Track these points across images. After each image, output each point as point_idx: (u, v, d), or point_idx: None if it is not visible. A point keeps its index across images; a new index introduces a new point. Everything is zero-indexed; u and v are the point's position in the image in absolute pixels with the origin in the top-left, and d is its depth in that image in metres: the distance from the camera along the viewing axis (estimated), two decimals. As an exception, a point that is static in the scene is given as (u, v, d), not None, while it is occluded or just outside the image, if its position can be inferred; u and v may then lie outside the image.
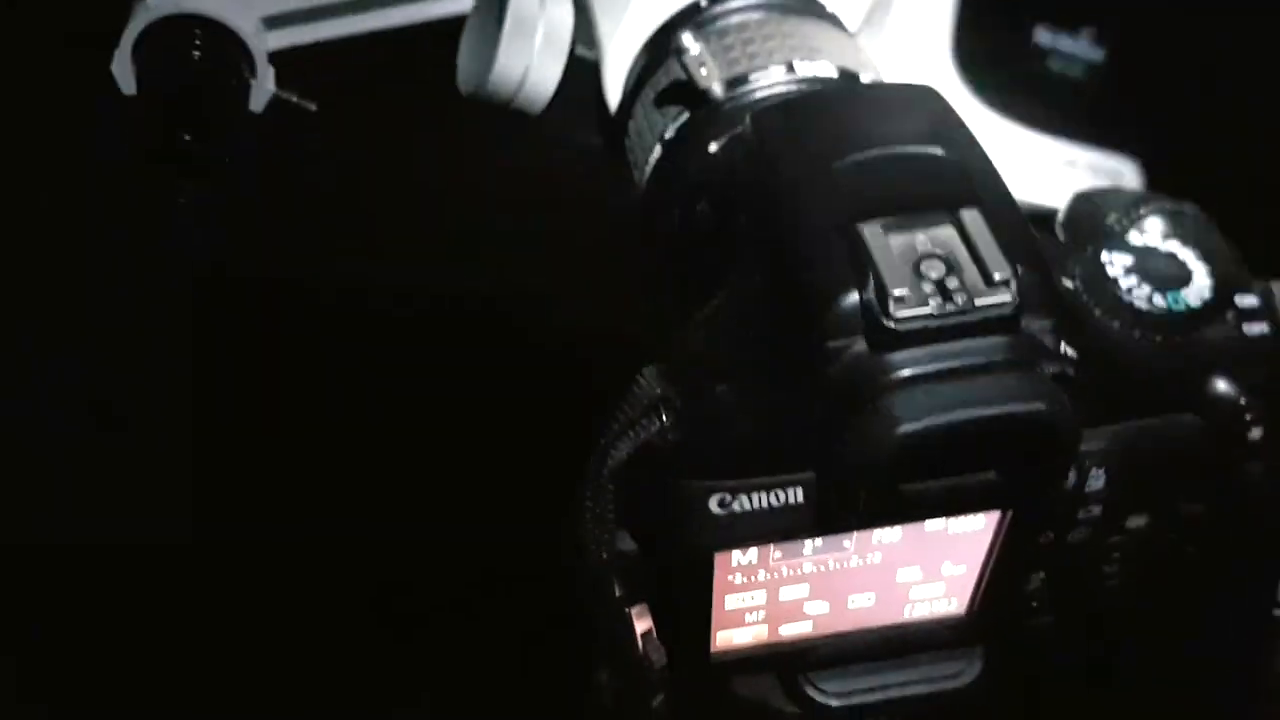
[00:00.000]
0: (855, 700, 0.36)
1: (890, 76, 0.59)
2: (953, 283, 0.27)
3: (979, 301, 0.27)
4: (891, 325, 0.27)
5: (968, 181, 0.29)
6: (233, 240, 0.58)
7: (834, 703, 0.37)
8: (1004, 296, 0.27)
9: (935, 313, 0.27)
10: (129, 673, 0.57)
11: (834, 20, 0.44)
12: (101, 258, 0.59)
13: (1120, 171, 0.67)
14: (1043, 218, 0.37)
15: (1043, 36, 0.68)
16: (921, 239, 0.28)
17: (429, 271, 0.60)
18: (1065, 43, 0.68)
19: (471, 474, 0.57)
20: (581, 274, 0.58)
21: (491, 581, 0.55)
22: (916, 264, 0.28)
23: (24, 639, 0.57)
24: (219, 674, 0.57)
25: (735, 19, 0.42)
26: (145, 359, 0.60)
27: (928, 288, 0.27)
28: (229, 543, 0.57)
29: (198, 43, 0.50)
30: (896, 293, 0.27)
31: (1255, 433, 0.31)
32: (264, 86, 0.53)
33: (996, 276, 0.27)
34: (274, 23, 0.53)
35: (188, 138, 0.48)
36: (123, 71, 0.50)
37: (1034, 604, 0.35)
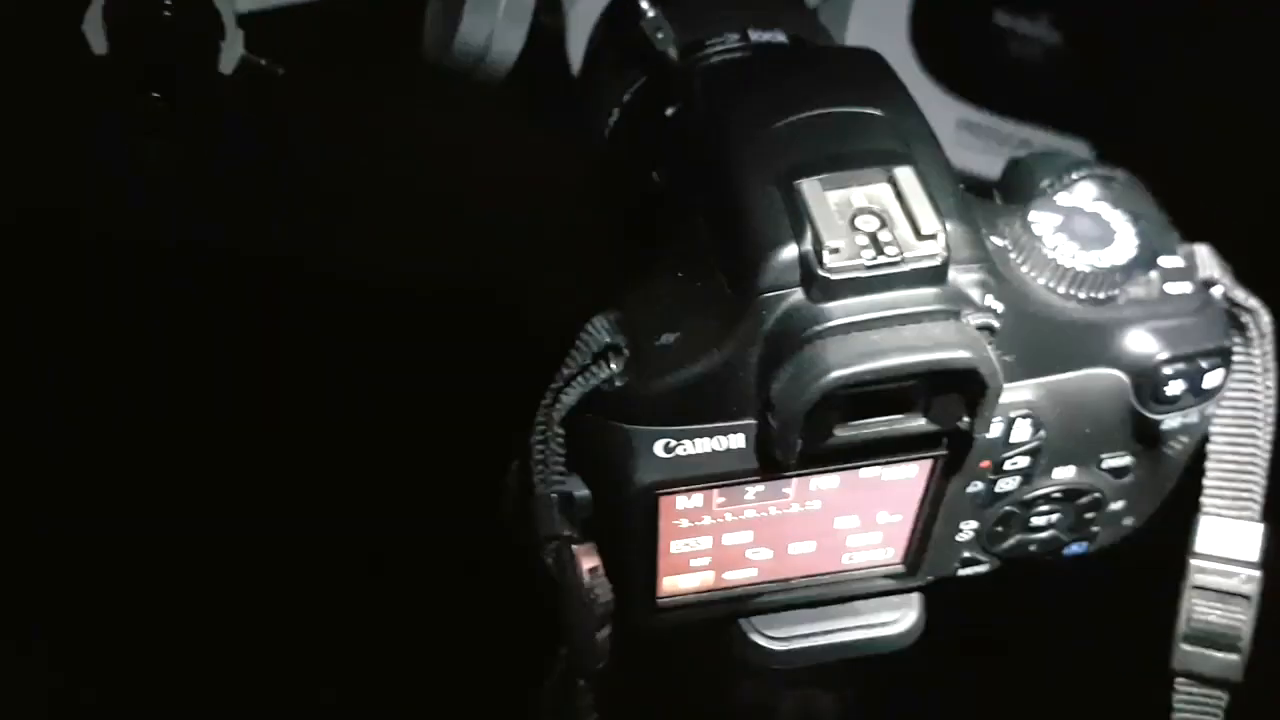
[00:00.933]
0: (796, 645, 0.38)
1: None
2: (885, 236, 0.29)
3: (909, 254, 0.29)
4: (826, 275, 0.29)
5: (903, 140, 0.31)
6: (220, 240, 0.59)
7: (776, 647, 0.38)
8: (933, 249, 0.29)
9: (867, 264, 0.29)
10: (128, 671, 0.57)
11: (790, -9, 0.46)
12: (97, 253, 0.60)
13: (1074, 152, 0.69)
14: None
15: (1001, 19, 0.70)
16: (857, 194, 0.29)
17: (400, 254, 0.61)
18: (1024, 25, 0.70)
19: (457, 466, 0.57)
20: (564, 261, 0.58)
21: (479, 573, 0.56)
22: (852, 218, 0.29)
23: (24, 639, 0.58)
24: (216, 670, 0.57)
25: (693, -13, 0.44)
26: (139, 354, 0.61)
27: (862, 240, 0.29)
28: (221, 538, 0.58)
29: (168, 3, 0.51)
30: (831, 245, 0.28)
31: (1173, 387, 0.32)
32: (233, 49, 0.53)
33: (925, 230, 0.29)
34: (244, -14, 0.53)
35: (156, 96, 0.49)
36: (94, 31, 0.51)
37: (966, 553, 0.37)
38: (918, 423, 0.30)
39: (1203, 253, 0.34)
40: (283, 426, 0.60)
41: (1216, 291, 0.34)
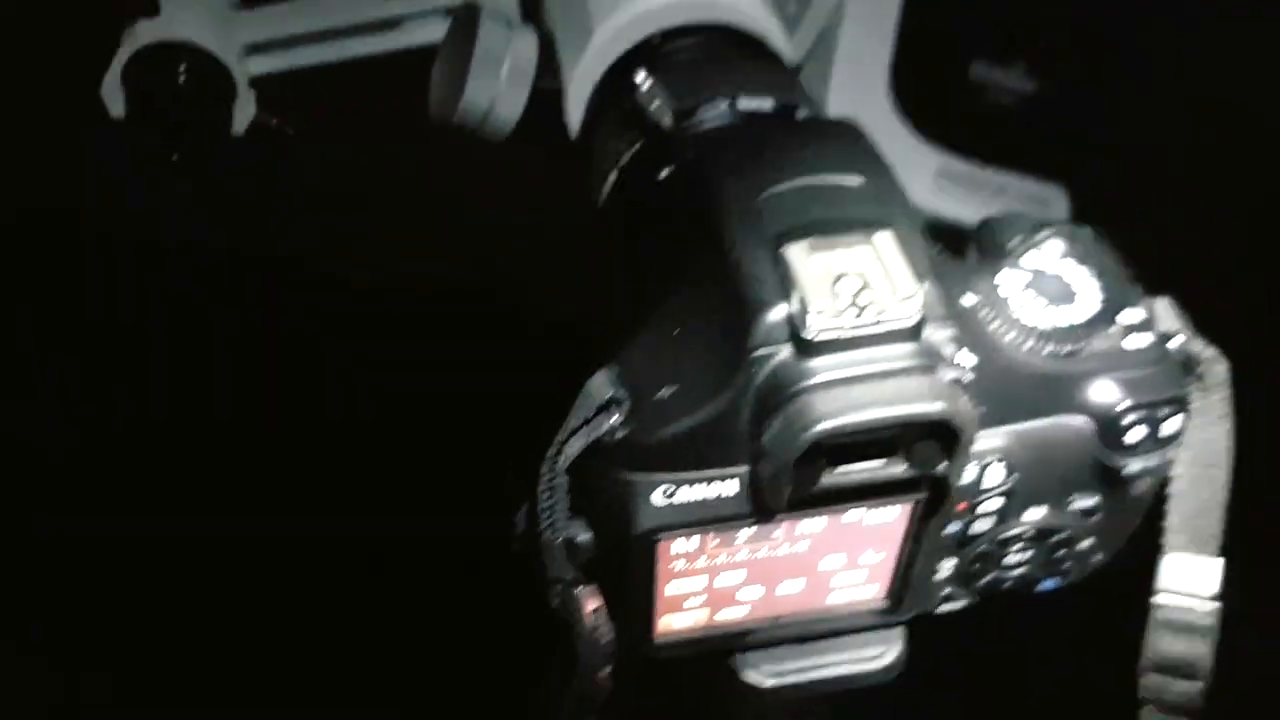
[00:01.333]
0: (786, 680, 0.40)
1: (829, 107, 0.64)
2: (865, 298, 0.31)
3: (887, 314, 0.31)
4: (811, 336, 0.31)
5: (881, 207, 0.33)
6: (220, 240, 0.61)
7: (767, 682, 0.40)
8: (909, 310, 0.31)
9: (850, 324, 0.31)
10: (128, 671, 0.59)
11: (776, 58, 0.48)
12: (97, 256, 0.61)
13: (1048, 198, 0.71)
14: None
15: (979, 70, 0.73)
16: (840, 258, 0.32)
17: (407, 277, 0.63)
18: (999, 76, 0.73)
19: (455, 466, 0.59)
20: (565, 269, 0.59)
21: (479, 575, 0.57)
22: (835, 281, 0.32)
23: (24, 639, 0.59)
24: (215, 670, 0.58)
25: (686, 56, 0.46)
26: (138, 356, 0.62)
27: (844, 302, 0.31)
28: (221, 538, 0.59)
29: (183, 69, 0.53)
30: (815, 307, 0.31)
31: (1134, 434, 0.35)
32: (245, 110, 0.56)
33: (903, 293, 0.31)
34: (255, 50, 0.56)
35: (174, 158, 0.51)
36: (112, 95, 0.53)
37: (947, 590, 0.39)
38: (898, 469, 0.33)
39: (1162, 306, 0.37)
40: (281, 427, 0.62)
41: (1174, 343, 0.36)
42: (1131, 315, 0.36)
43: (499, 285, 0.62)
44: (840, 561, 0.37)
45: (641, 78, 0.43)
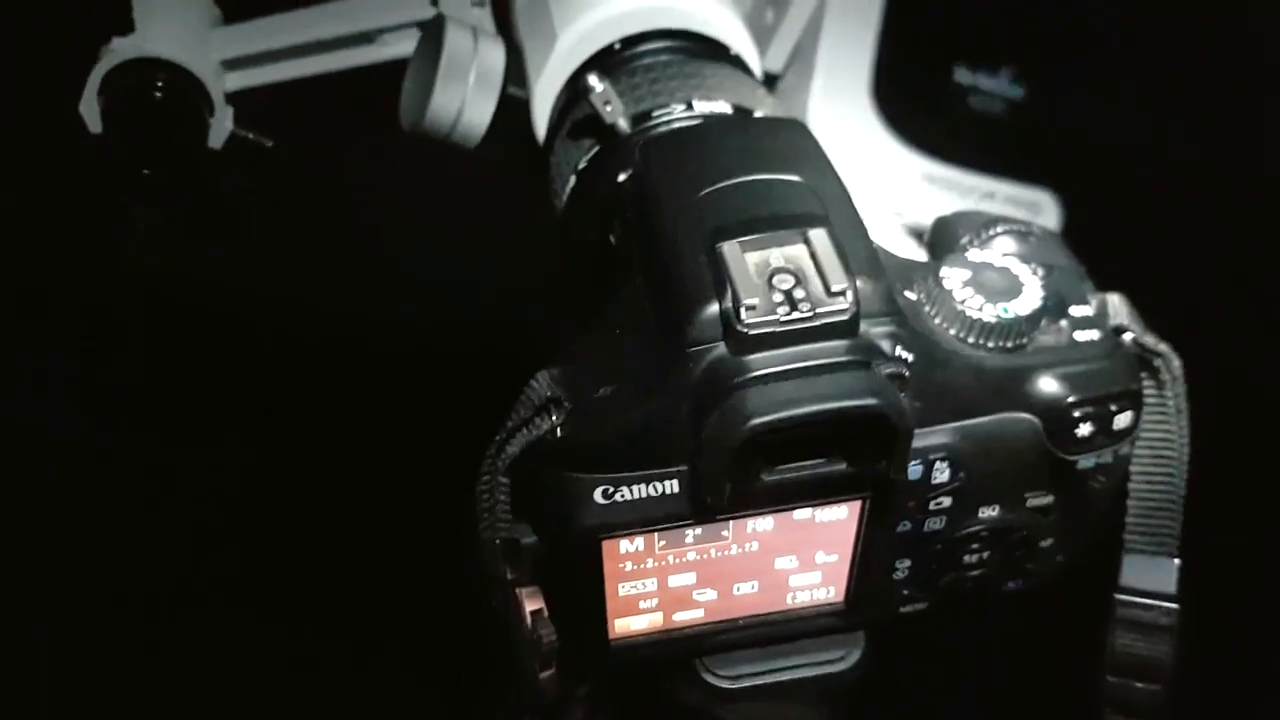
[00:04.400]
0: (747, 683, 0.40)
1: (811, 114, 0.64)
2: (799, 293, 0.31)
3: (820, 309, 0.31)
4: (744, 331, 0.31)
5: (819, 204, 0.33)
6: (192, 266, 0.61)
7: (727, 685, 0.40)
8: (842, 305, 0.31)
9: (783, 319, 0.31)
10: (127, 670, 0.59)
11: (737, 62, 0.48)
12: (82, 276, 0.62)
13: (1038, 203, 0.71)
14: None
15: (963, 75, 0.72)
16: (775, 255, 0.32)
17: (382, 285, 0.64)
18: (985, 81, 0.73)
19: (422, 491, 0.59)
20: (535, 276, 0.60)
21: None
22: (770, 277, 0.32)
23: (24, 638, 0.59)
24: (212, 676, 0.59)
25: (644, 61, 0.47)
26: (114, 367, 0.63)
27: (778, 298, 0.31)
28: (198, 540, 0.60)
29: (159, 84, 0.54)
30: (748, 303, 0.31)
31: (1084, 429, 0.34)
32: (222, 124, 0.56)
33: (835, 288, 0.31)
34: (231, 65, 0.57)
35: (147, 172, 0.52)
36: (90, 111, 0.54)
37: (904, 591, 0.39)
38: (839, 466, 0.32)
39: (1114, 301, 0.36)
40: (256, 432, 0.62)
41: (1126, 337, 0.36)
42: (1081, 310, 0.36)
43: (468, 295, 0.62)
44: (794, 563, 0.37)
45: (595, 82, 0.43)
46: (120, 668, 0.59)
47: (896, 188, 0.67)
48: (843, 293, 0.31)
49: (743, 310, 0.31)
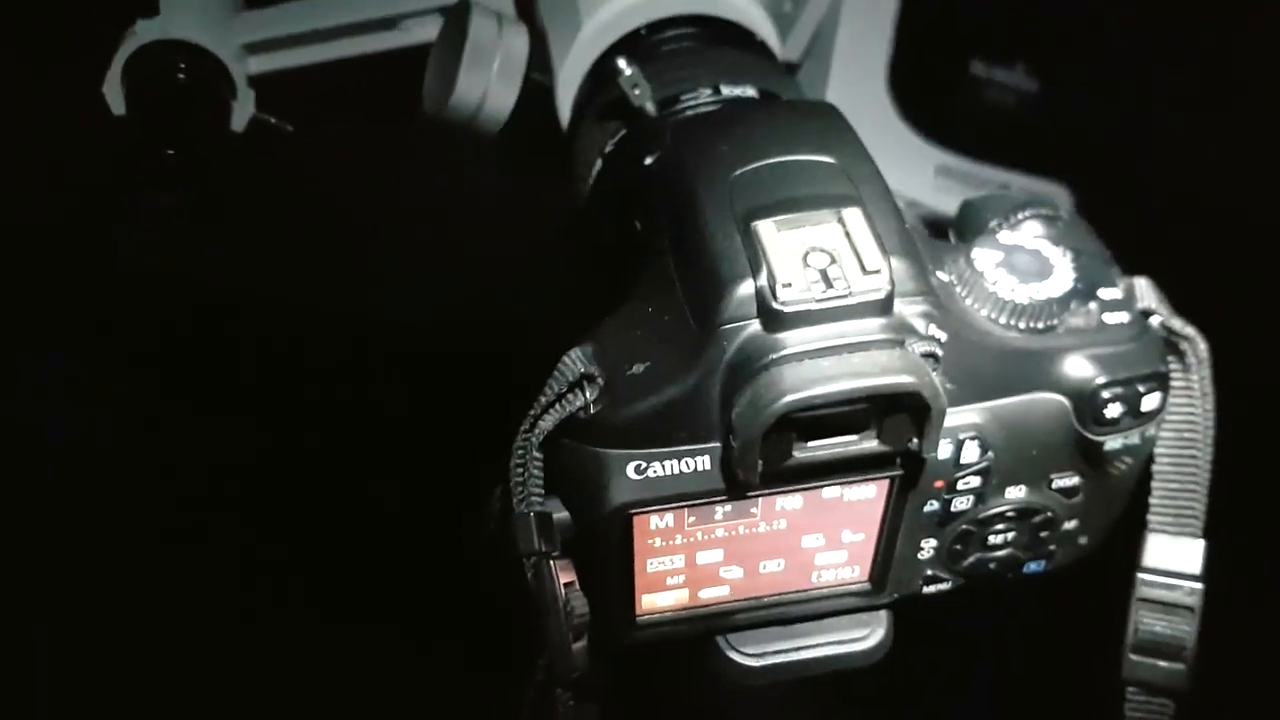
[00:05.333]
0: (770, 660, 0.40)
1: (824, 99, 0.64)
2: (834, 272, 0.31)
3: (855, 288, 0.31)
4: (780, 308, 0.31)
5: (852, 185, 0.33)
6: (211, 251, 0.62)
7: (752, 663, 0.40)
8: (877, 284, 0.31)
9: (818, 298, 0.31)
10: (127, 672, 0.59)
11: (762, 48, 0.49)
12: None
13: (1052, 195, 0.71)
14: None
15: (979, 68, 0.73)
16: (809, 234, 0.32)
17: (403, 271, 0.64)
18: (1001, 74, 0.73)
19: (440, 484, 0.60)
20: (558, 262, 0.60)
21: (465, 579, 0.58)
22: (805, 256, 0.32)
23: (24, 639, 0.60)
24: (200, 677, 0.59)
25: (670, 46, 0.47)
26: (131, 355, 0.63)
27: (813, 276, 0.31)
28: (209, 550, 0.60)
29: (182, 66, 0.54)
30: (784, 280, 0.31)
31: (1112, 410, 0.35)
32: (245, 108, 0.57)
33: (870, 266, 0.31)
34: (254, 49, 0.57)
35: (171, 153, 0.52)
36: (113, 93, 0.54)
37: (929, 571, 0.39)
38: (870, 444, 0.33)
39: (1142, 285, 0.37)
40: (270, 423, 0.62)
41: (1154, 320, 0.36)
42: (1109, 293, 0.36)
43: (493, 280, 0.62)
44: (820, 541, 0.37)
45: (624, 65, 0.43)
46: (120, 669, 0.60)
47: (911, 179, 0.68)
48: (878, 271, 0.31)
49: (779, 288, 0.31)
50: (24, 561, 0.60)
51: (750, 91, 0.44)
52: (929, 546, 0.38)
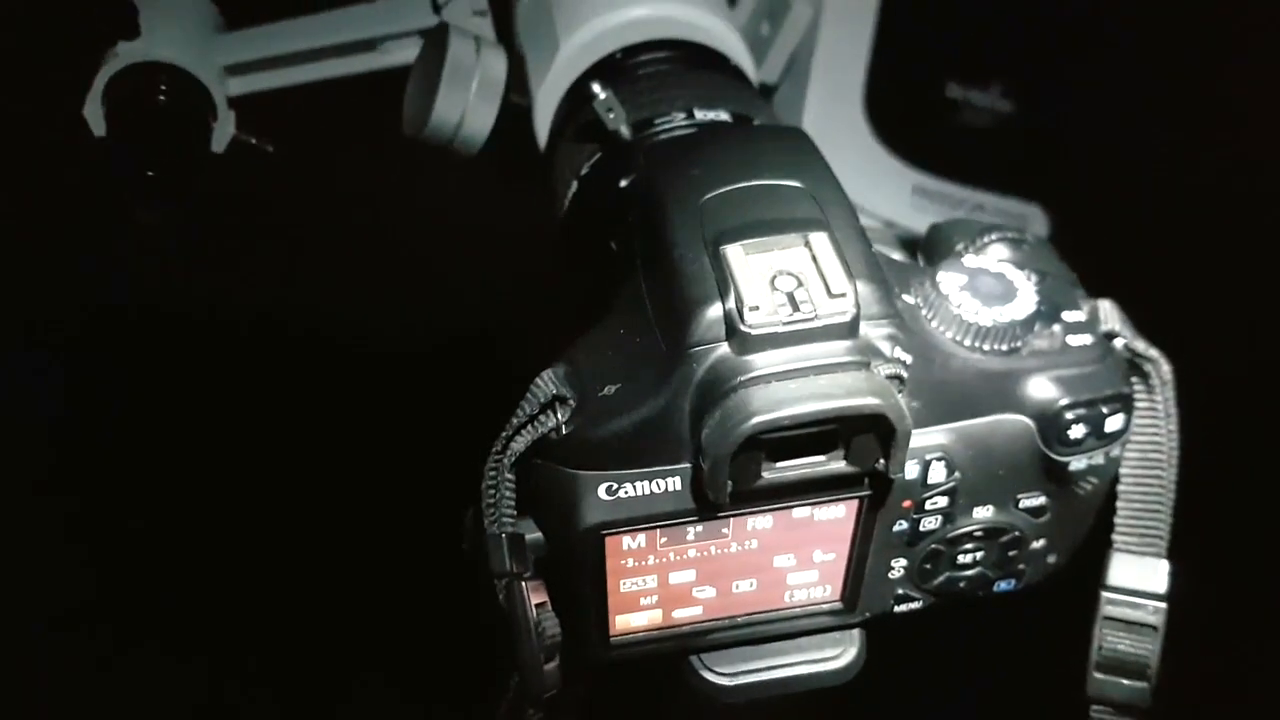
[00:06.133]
0: (744, 680, 0.40)
1: (804, 126, 0.64)
2: (801, 295, 0.32)
3: (822, 311, 0.32)
4: (747, 331, 0.32)
5: (819, 209, 0.34)
6: (191, 271, 0.62)
7: (726, 682, 0.40)
8: (843, 307, 0.32)
9: (785, 320, 0.32)
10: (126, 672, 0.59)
11: (736, 72, 0.49)
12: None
13: (1026, 215, 0.72)
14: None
15: (954, 90, 0.74)
16: (777, 258, 0.33)
17: (382, 289, 0.64)
18: (976, 96, 0.74)
19: (423, 496, 0.60)
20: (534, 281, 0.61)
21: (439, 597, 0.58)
22: (772, 279, 0.32)
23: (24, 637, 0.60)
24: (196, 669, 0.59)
25: (646, 70, 0.47)
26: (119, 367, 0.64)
27: (780, 299, 0.32)
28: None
29: (163, 88, 0.54)
30: (751, 303, 0.32)
31: (1076, 431, 0.35)
32: (225, 129, 0.57)
33: (836, 290, 0.32)
34: (235, 70, 0.57)
35: (151, 174, 0.52)
36: (94, 114, 0.54)
37: (900, 590, 0.39)
38: (838, 464, 0.33)
39: (1105, 307, 0.37)
40: (257, 435, 0.63)
41: (1118, 343, 0.36)
42: (1073, 315, 0.36)
43: (471, 300, 0.63)
44: (792, 561, 0.38)
45: (598, 89, 0.44)
46: (121, 670, 0.60)
47: (888, 200, 0.68)
48: (844, 295, 0.32)
49: (746, 311, 0.31)
50: (23, 561, 0.60)
51: (724, 115, 0.44)
52: (899, 566, 0.38)
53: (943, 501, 0.36)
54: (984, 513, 0.37)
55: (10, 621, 0.60)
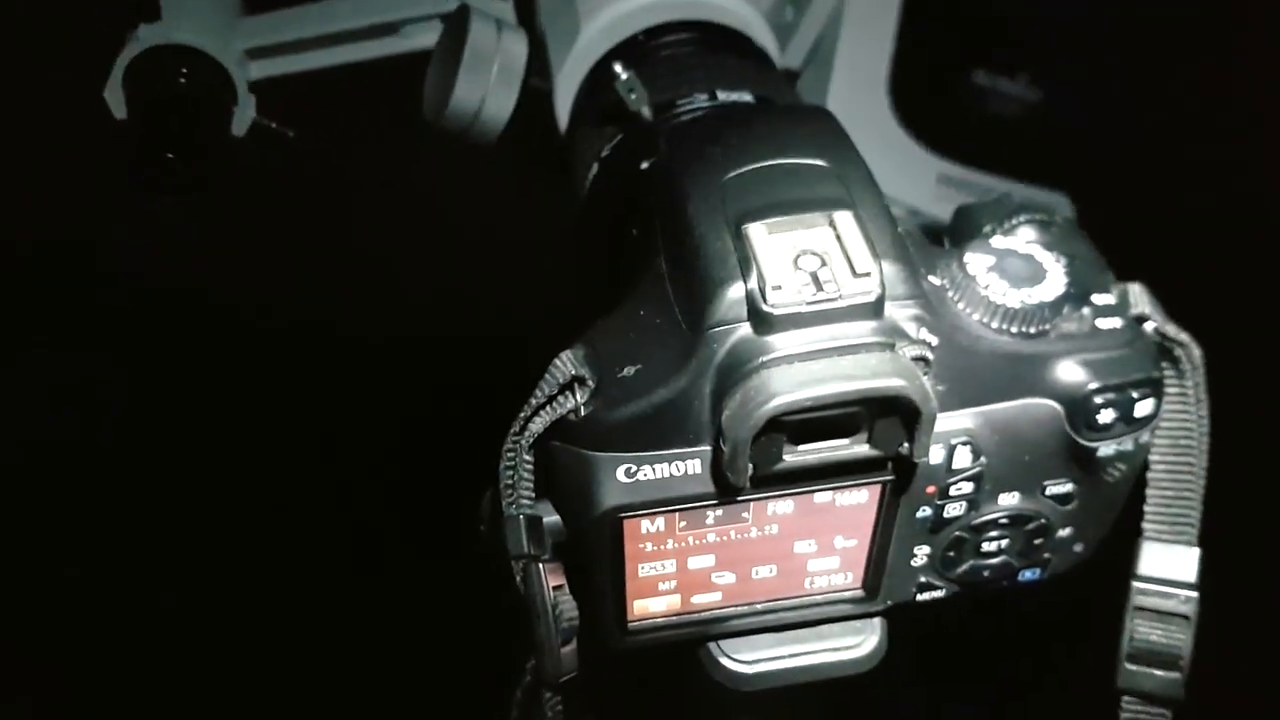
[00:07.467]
0: (763, 667, 0.40)
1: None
2: (825, 275, 0.31)
3: (846, 291, 0.31)
4: (770, 311, 0.31)
5: (843, 188, 0.33)
6: (213, 257, 0.62)
7: (745, 669, 0.40)
8: (868, 286, 0.31)
9: (808, 300, 0.31)
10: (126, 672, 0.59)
11: (760, 54, 0.49)
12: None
13: (1053, 205, 0.71)
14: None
15: (980, 77, 0.73)
16: (800, 237, 0.32)
17: (400, 273, 0.64)
18: (1002, 84, 0.73)
19: (438, 486, 0.60)
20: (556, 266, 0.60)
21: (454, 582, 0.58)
22: (795, 259, 0.32)
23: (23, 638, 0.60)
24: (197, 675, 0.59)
25: (668, 52, 0.47)
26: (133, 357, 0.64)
27: (803, 279, 0.31)
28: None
29: (184, 71, 0.54)
30: (774, 283, 0.31)
31: (1105, 416, 0.34)
32: (245, 113, 0.57)
33: (861, 269, 0.31)
34: (256, 54, 0.57)
35: (171, 156, 0.52)
36: (114, 97, 0.54)
37: (922, 578, 0.39)
38: (861, 448, 0.33)
39: (1136, 290, 0.36)
40: (269, 426, 0.62)
41: (1148, 326, 0.36)
42: (1103, 298, 0.36)
43: (490, 282, 0.63)
44: (812, 547, 0.37)
45: (622, 71, 0.43)
46: (120, 671, 0.60)
47: (912, 187, 0.68)
48: (868, 275, 0.31)
49: (769, 291, 0.31)
50: (23, 562, 0.61)
51: (746, 97, 0.44)
52: (922, 553, 0.38)
53: (968, 487, 0.35)
54: (1010, 499, 0.36)
55: (10, 621, 0.60)
